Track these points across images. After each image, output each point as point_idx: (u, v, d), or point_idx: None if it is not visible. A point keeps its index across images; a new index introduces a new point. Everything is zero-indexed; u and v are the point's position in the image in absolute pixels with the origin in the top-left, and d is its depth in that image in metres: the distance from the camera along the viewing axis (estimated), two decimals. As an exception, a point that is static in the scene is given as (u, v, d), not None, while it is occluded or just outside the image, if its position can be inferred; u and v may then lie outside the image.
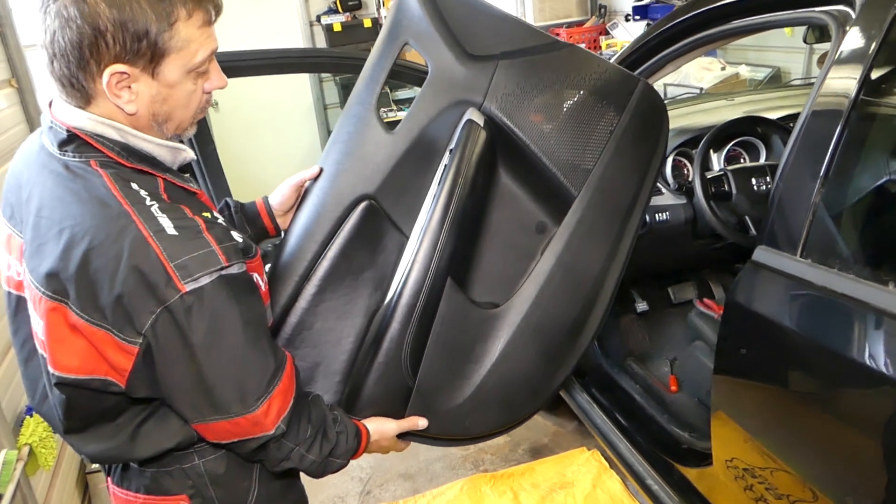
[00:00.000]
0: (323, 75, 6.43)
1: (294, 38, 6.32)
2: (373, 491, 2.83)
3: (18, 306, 1.21)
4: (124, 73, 1.04)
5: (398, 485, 2.85)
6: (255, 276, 1.21)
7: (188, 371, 1.08)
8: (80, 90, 1.07)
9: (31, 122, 2.72)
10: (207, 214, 1.14)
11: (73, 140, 1.10)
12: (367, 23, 6.22)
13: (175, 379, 1.09)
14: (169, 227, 1.04)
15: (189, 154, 1.22)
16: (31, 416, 1.97)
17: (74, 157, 1.10)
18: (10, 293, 1.24)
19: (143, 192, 1.08)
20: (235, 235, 1.16)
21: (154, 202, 1.07)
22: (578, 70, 1.61)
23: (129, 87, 1.07)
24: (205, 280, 1.04)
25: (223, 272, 1.06)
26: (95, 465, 2.58)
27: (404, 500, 2.74)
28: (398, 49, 1.57)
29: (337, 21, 6.18)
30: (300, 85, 6.44)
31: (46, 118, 1.15)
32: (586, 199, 1.57)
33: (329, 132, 6.56)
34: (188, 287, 1.02)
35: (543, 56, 1.60)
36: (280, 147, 6.30)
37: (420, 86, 1.61)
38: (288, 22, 6.31)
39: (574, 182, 1.57)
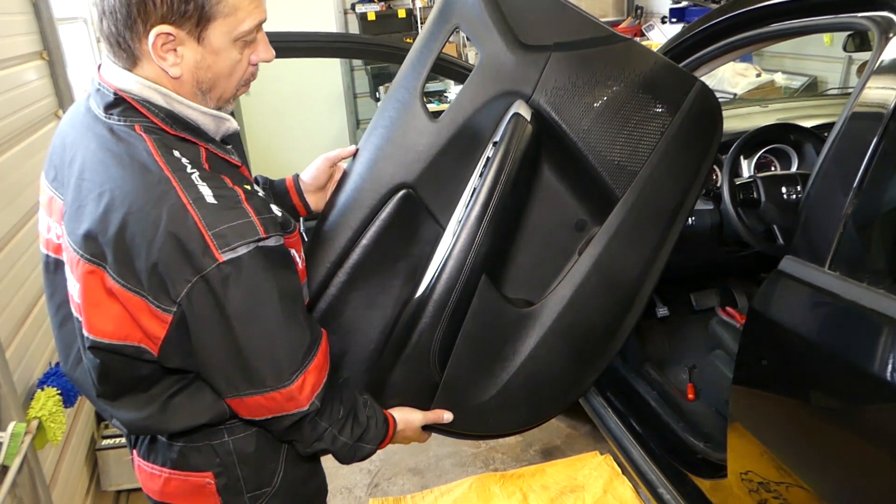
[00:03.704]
0: (355, 65, 6.43)
1: (328, 26, 6.34)
2: (381, 484, 2.82)
3: (56, 269, 1.22)
4: (170, 34, 1.04)
5: (407, 479, 2.84)
6: (293, 251, 1.20)
7: (223, 342, 1.07)
8: (127, 50, 1.07)
9: (60, 95, 2.73)
10: (248, 186, 1.14)
11: (119, 103, 1.10)
12: (402, 13, 6.21)
13: (209, 350, 1.09)
14: (208, 196, 1.04)
15: (233, 125, 1.21)
16: (43, 389, 1.98)
17: (119, 120, 1.10)
18: (47, 256, 1.25)
19: (184, 160, 1.07)
20: (274, 209, 1.15)
21: (195, 170, 1.07)
22: (633, 66, 1.54)
23: (175, 49, 1.07)
24: (242, 250, 1.03)
25: (260, 243, 1.05)
26: (106, 442, 2.59)
27: (412, 495, 2.73)
28: (448, 33, 1.52)
29: (371, 10, 6.18)
30: (331, 73, 6.45)
31: (94, 81, 1.15)
32: (630, 202, 1.52)
33: (358, 121, 6.59)
34: (225, 256, 1.02)
35: (599, 50, 1.53)
36: (308, 134, 6.33)
37: (461, 83, 1.57)
38: (322, 9, 6.32)
39: (619, 183, 1.52)
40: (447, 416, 1.51)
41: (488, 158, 1.47)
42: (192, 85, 1.12)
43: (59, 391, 2.00)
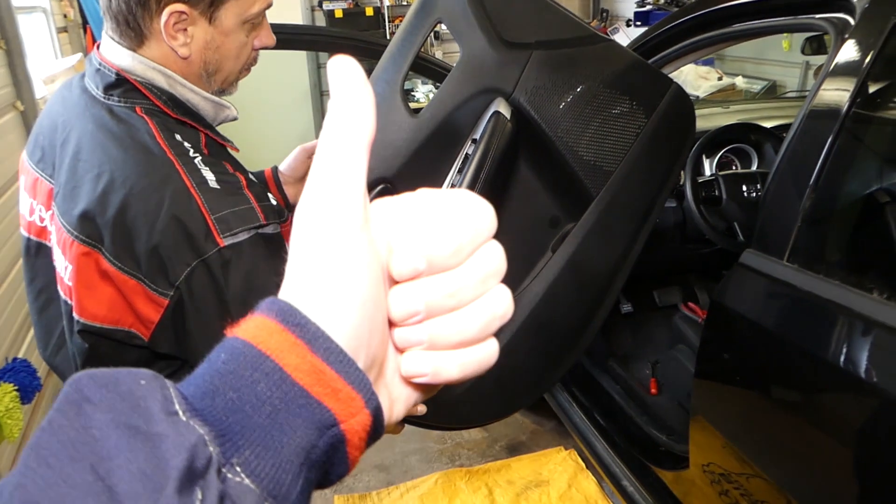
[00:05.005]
0: (321, 61, 6.38)
1: (294, 22, 6.27)
2: (346, 480, 2.80)
3: (38, 253, 1.20)
4: (183, 13, 1.04)
5: (372, 475, 2.83)
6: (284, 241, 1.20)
7: (219, 327, 1.05)
8: (136, 29, 1.06)
9: (19, 85, 2.68)
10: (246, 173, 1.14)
11: (120, 84, 1.09)
12: (369, 11, 6.17)
13: (204, 335, 1.06)
14: (212, 180, 1.03)
15: (232, 112, 1.22)
16: None
17: (120, 101, 1.08)
18: (29, 239, 1.22)
19: (186, 144, 1.07)
20: (271, 197, 1.14)
21: (197, 154, 1.06)
22: (613, 67, 1.56)
23: (186, 29, 1.06)
24: (243, 236, 1.02)
25: (260, 230, 1.05)
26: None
27: (377, 492, 2.73)
28: (430, 26, 1.51)
29: (339, 7, 6.13)
30: (297, 69, 6.39)
31: (94, 60, 1.13)
32: (605, 202, 1.54)
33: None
34: (227, 241, 1.01)
35: (579, 50, 1.54)
36: (274, 131, 6.25)
37: (439, 82, 1.57)
38: (289, 6, 6.26)
39: (594, 183, 1.54)
40: (421, 409, 1.51)
41: (467, 155, 1.47)
42: (199, 66, 1.12)
43: (16, 387, 1.97)
